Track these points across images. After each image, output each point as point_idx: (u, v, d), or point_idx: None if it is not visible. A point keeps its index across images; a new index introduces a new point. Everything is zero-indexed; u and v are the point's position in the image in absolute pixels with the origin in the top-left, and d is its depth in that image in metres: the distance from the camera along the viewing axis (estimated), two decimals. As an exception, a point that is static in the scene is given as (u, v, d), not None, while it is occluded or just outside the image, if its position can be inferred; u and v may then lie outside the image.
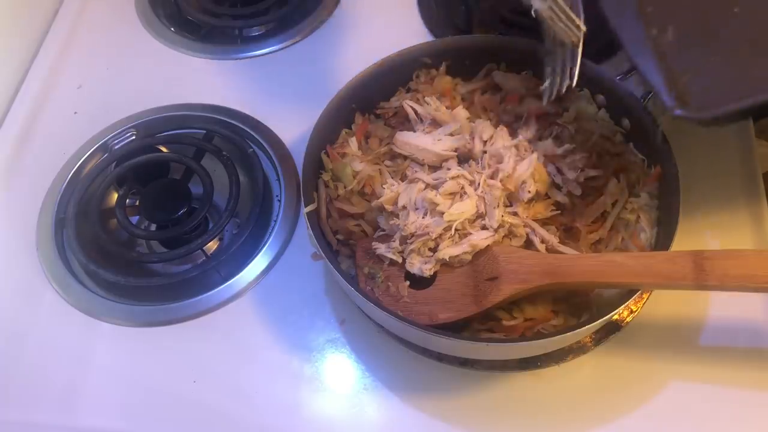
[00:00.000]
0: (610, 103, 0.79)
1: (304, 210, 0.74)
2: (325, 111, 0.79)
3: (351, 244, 0.76)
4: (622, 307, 0.64)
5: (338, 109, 0.80)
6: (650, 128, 0.73)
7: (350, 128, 0.83)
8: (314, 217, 0.75)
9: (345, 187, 0.77)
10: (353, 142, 0.80)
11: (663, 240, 0.69)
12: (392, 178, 0.77)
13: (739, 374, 0.72)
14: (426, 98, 0.80)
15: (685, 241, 0.77)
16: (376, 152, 0.80)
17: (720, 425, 0.70)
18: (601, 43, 0.99)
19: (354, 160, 0.79)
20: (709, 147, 0.87)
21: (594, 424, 0.71)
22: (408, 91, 0.85)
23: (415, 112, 0.80)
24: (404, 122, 0.82)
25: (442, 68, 0.85)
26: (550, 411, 0.72)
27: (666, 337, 0.75)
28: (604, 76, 0.79)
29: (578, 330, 0.64)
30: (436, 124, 0.78)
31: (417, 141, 0.77)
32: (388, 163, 0.80)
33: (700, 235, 0.80)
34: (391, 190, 0.73)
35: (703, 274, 0.60)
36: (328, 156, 0.79)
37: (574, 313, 0.70)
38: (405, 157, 0.78)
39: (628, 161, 0.77)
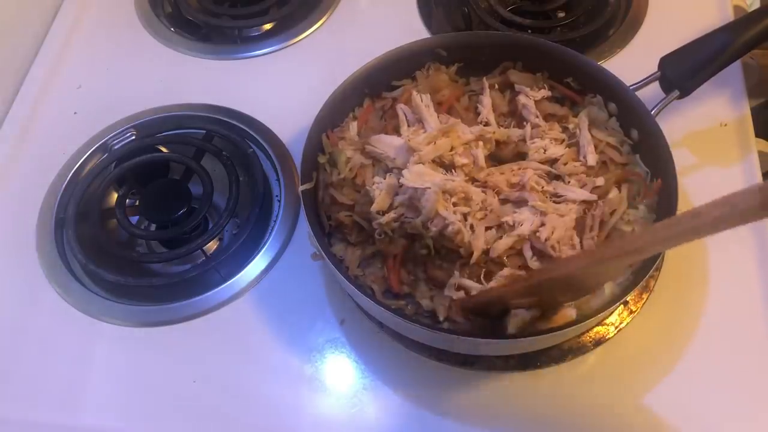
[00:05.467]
0: (621, 112, 0.79)
1: (300, 188, 0.74)
2: (334, 93, 0.79)
3: (344, 231, 0.76)
4: (606, 312, 0.65)
5: (348, 91, 0.81)
6: (658, 141, 0.73)
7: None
8: (309, 197, 0.75)
9: (339, 174, 0.77)
10: (353, 127, 0.80)
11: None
12: (381, 173, 0.76)
13: (733, 373, 0.72)
14: (420, 95, 0.80)
15: (684, 241, 0.77)
16: (358, 142, 0.79)
17: (716, 423, 0.70)
18: (589, 30, 1.00)
19: (348, 147, 0.78)
20: (710, 147, 0.87)
21: (592, 422, 0.71)
22: (413, 80, 0.85)
23: (405, 115, 0.80)
24: (396, 117, 0.82)
25: (453, 68, 0.85)
26: (549, 410, 0.72)
27: (663, 338, 0.75)
28: (619, 85, 0.78)
29: (552, 334, 0.65)
30: (420, 125, 0.78)
31: (391, 141, 0.76)
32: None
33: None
34: (378, 188, 0.73)
35: None
36: (328, 138, 0.79)
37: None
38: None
39: (632, 172, 0.77)
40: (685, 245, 0.74)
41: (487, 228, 0.72)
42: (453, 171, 0.73)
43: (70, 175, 0.92)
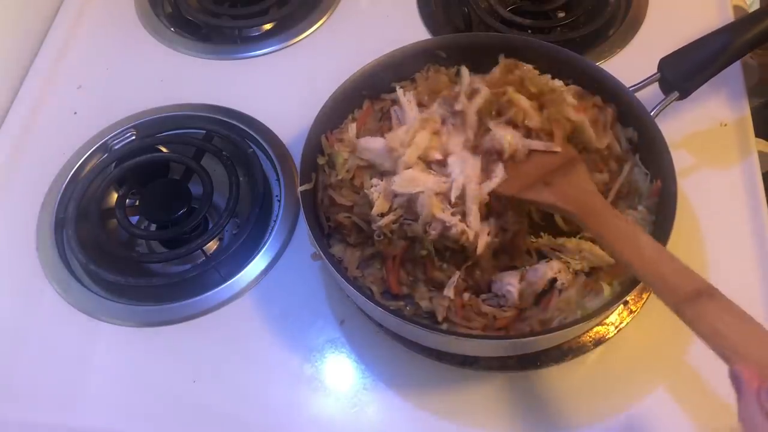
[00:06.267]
0: (620, 113, 0.79)
1: (299, 189, 0.74)
2: (333, 95, 0.79)
3: (344, 233, 0.76)
4: (606, 312, 0.66)
5: (348, 93, 0.81)
6: (657, 142, 0.73)
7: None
8: (308, 198, 0.75)
9: (337, 176, 0.77)
10: (352, 129, 0.80)
11: None
12: (379, 174, 0.76)
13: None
14: (406, 92, 0.80)
15: (683, 239, 0.77)
16: (354, 144, 0.79)
17: (717, 424, 0.70)
18: (589, 30, 1.00)
19: (344, 149, 0.78)
20: (709, 147, 0.87)
21: (591, 422, 0.71)
22: (412, 81, 0.85)
23: (399, 117, 0.80)
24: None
25: (453, 70, 0.84)
26: (548, 410, 0.72)
27: (663, 337, 0.75)
28: (618, 86, 0.78)
29: (551, 334, 0.65)
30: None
31: (373, 144, 0.76)
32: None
33: (699, 233, 0.80)
34: (376, 191, 0.72)
35: (689, 305, 0.57)
36: (327, 140, 0.79)
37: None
38: None
39: (632, 176, 0.77)
40: (685, 246, 0.75)
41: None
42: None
43: (70, 175, 0.92)
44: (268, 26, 1.11)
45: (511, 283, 0.70)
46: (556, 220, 0.74)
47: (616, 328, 0.74)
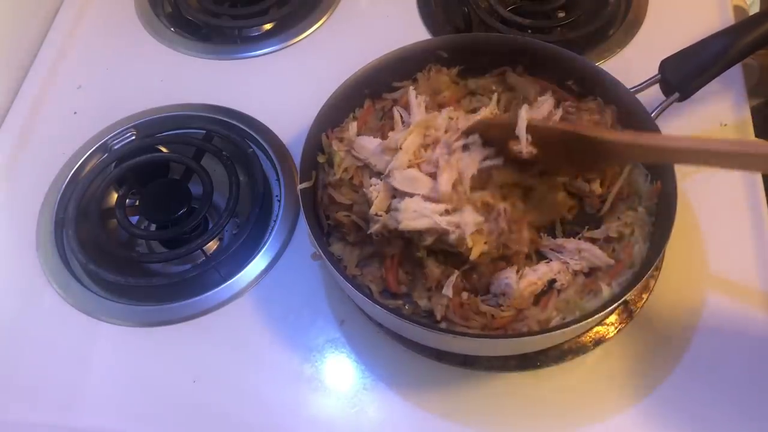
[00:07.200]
0: (621, 114, 0.79)
1: (299, 186, 0.74)
2: (335, 92, 0.79)
3: (343, 231, 0.76)
4: (606, 312, 0.65)
5: (349, 91, 0.81)
6: None
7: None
8: (308, 196, 0.75)
9: (334, 175, 0.77)
10: (353, 128, 0.80)
11: (652, 255, 0.70)
12: (375, 175, 0.76)
13: (734, 374, 0.72)
14: (418, 95, 0.80)
15: (683, 240, 0.77)
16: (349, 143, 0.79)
17: (718, 424, 0.70)
18: (589, 30, 1.00)
19: (342, 148, 0.78)
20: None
21: (592, 422, 0.71)
22: (414, 81, 0.85)
23: (402, 117, 0.80)
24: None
25: (454, 70, 0.84)
26: (548, 410, 0.72)
27: (664, 338, 0.75)
28: (618, 87, 0.78)
29: (550, 334, 0.65)
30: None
31: (368, 144, 0.76)
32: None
33: (699, 233, 0.80)
34: (375, 190, 0.72)
35: None
36: (327, 138, 0.79)
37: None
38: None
39: (632, 178, 0.77)
40: (685, 246, 0.75)
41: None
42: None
43: (70, 175, 0.92)
44: (268, 26, 1.11)
45: (509, 278, 0.70)
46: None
47: (616, 328, 0.74)
